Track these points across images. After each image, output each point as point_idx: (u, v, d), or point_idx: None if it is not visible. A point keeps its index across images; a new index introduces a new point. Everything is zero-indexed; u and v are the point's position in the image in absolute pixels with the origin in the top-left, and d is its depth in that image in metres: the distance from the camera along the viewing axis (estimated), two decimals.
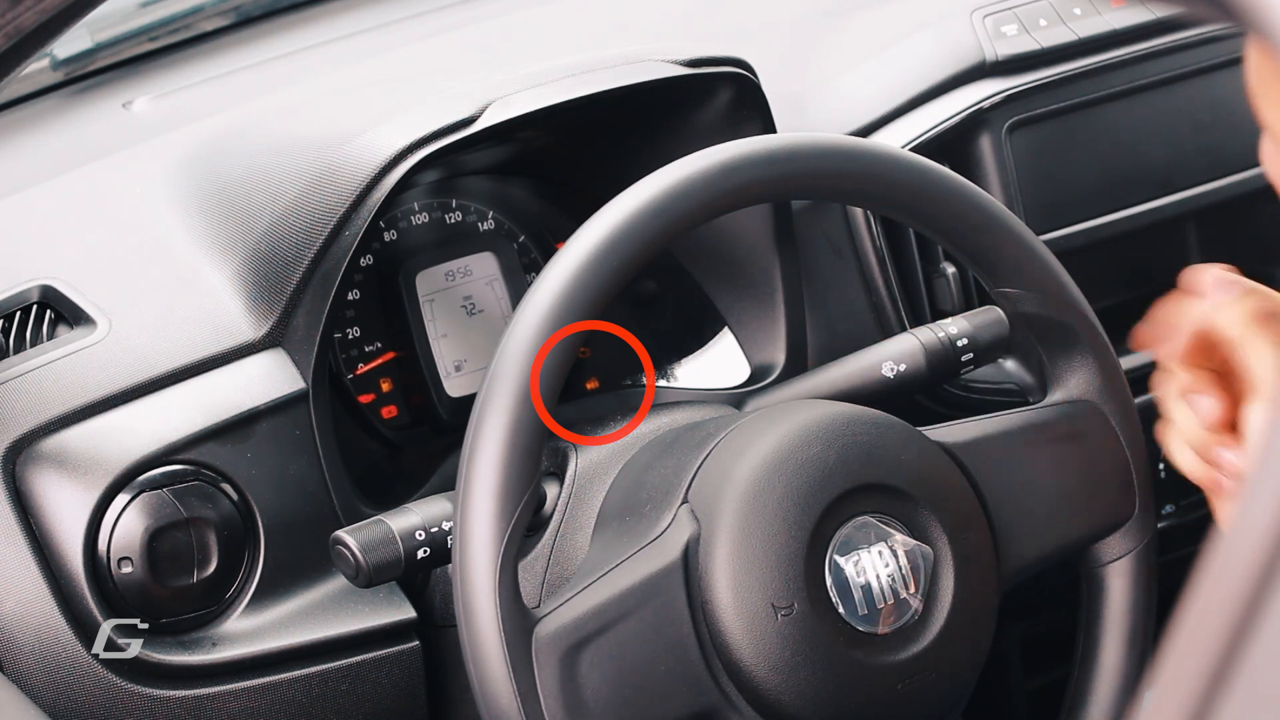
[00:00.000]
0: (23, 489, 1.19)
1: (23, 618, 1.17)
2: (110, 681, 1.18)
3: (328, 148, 1.28)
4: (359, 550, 1.11)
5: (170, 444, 1.20)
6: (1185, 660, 0.46)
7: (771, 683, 1.05)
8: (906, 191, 1.15)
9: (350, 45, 1.68)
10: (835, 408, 1.14)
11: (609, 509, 1.15)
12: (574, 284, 1.03)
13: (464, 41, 1.68)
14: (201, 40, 1.70)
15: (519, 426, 1.00)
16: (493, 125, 1.26)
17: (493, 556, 0.99)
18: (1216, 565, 0.46)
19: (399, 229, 1.41)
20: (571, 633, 1.01)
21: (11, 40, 0.87)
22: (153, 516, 1.18)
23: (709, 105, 1.36)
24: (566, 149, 1.44)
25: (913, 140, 1.46)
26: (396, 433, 1.38)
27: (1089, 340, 1.21)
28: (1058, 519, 1.19)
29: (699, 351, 1.44)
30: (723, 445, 1.12)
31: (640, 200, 1.06)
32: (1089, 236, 1.52)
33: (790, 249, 1.39)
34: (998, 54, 1.50)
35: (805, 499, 1.07)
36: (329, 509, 1.24)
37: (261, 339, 1.26)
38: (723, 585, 1.05)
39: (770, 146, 1.12)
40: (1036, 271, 1.19)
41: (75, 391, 1.21)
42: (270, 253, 1.27)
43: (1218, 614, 0.45)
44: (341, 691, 1.24)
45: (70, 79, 1.64)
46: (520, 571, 1.02)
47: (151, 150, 1.44)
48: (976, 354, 1.28)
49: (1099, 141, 1.54)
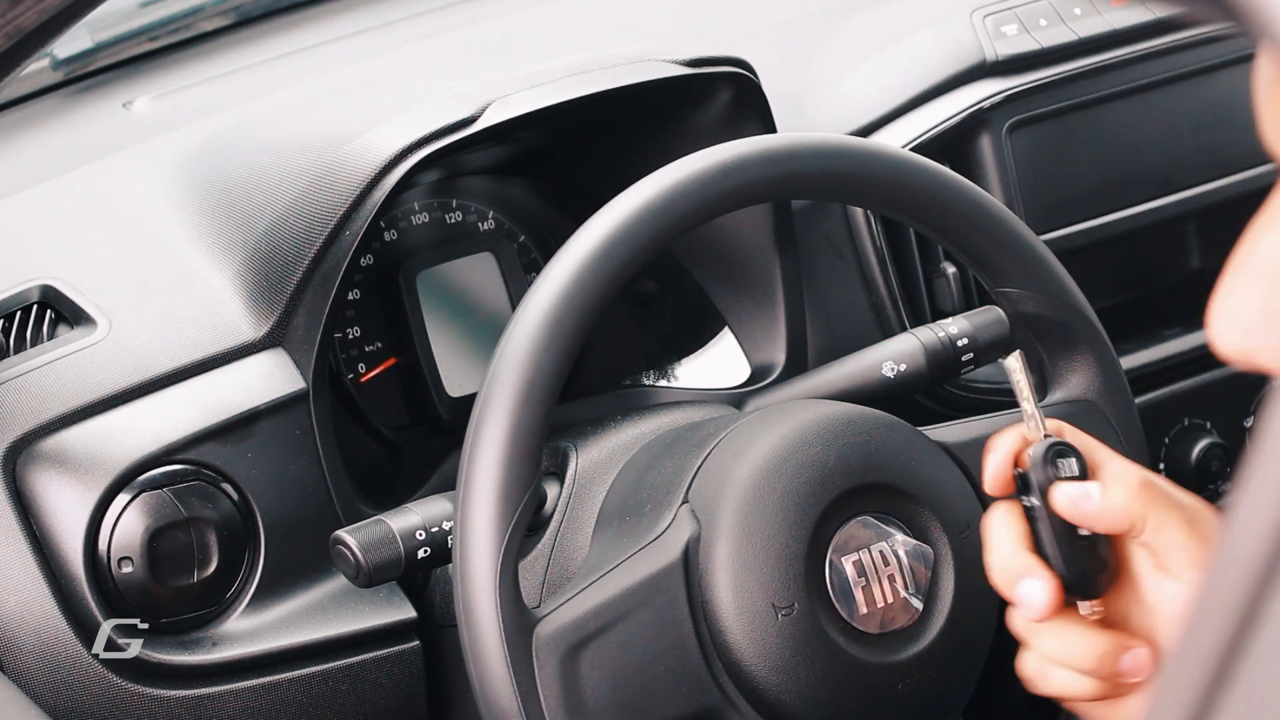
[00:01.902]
0: (23, 489, 1.19)
1: (23, 617, 1.17)
2: (110, 681, 1.18)
3: (328, 148, 1.28)
4: (359, 550, 1.11)
5: (170, 444, 1.20)
6: (1185, 660, 0.46)
7: (771, 683, 1.05)
8: (906, 191, 1.15)
9: (350, 45, 1.68)
10: (835, 408, 1.14)
11: (609, 509, 1.15)
12: (574, 284, 1.03)
13: (464, 41, 1.68)
14: (201, 40, 1.70)
15: (519, 426, 1.00)
16: (493, 125, 1.26)
17: (493, 556, 0.99)
18: (1216, 565, 0.46)
19: (399, 229, 1.41)
20: (572, 633, 1.01)
21: (11, 40, 0.87)
22: (153, 516, 1.18)
23: (709, 105, 1.36)
24: (566, 149, 1.44)
25: (913, 140, 1.46)
26: (396, 433, 1.38)
27: (1089, 340, 1.21)
28: None
29: (699, 351, 1.44)
30: (723, 445, 1.12)
31: (640, 200, 1.06)
32: (1089, 236, 1.52)
33: (790, 249, 1.39)
34: (998, 54, 1.50)
35: (805, 499, 1.07)
36: (329, 509, 1.24)
37: (261, 339, 1.26)
38: (723, 585, 1.05)
39: (770, 146, 1.12)
40: (1036, 271, 1.19)
41: (75, 391, 1.21)
42: (270, 253, 1.27)
43: (1218, 614, 0.45)
44: (341, 691, 1.24)
45: (70, 79, 1.64)
46: (520, 571, 1.02)
47: (151, 150, 1.44)
48: (976, 354, 1.28)
49: (1099, 141, 1.54)
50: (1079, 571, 0.92)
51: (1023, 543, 0.93)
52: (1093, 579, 0.93)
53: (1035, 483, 0.94)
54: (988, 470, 0.96)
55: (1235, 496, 0.46)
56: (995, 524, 0.95)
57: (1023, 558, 0.93)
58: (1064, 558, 0.92)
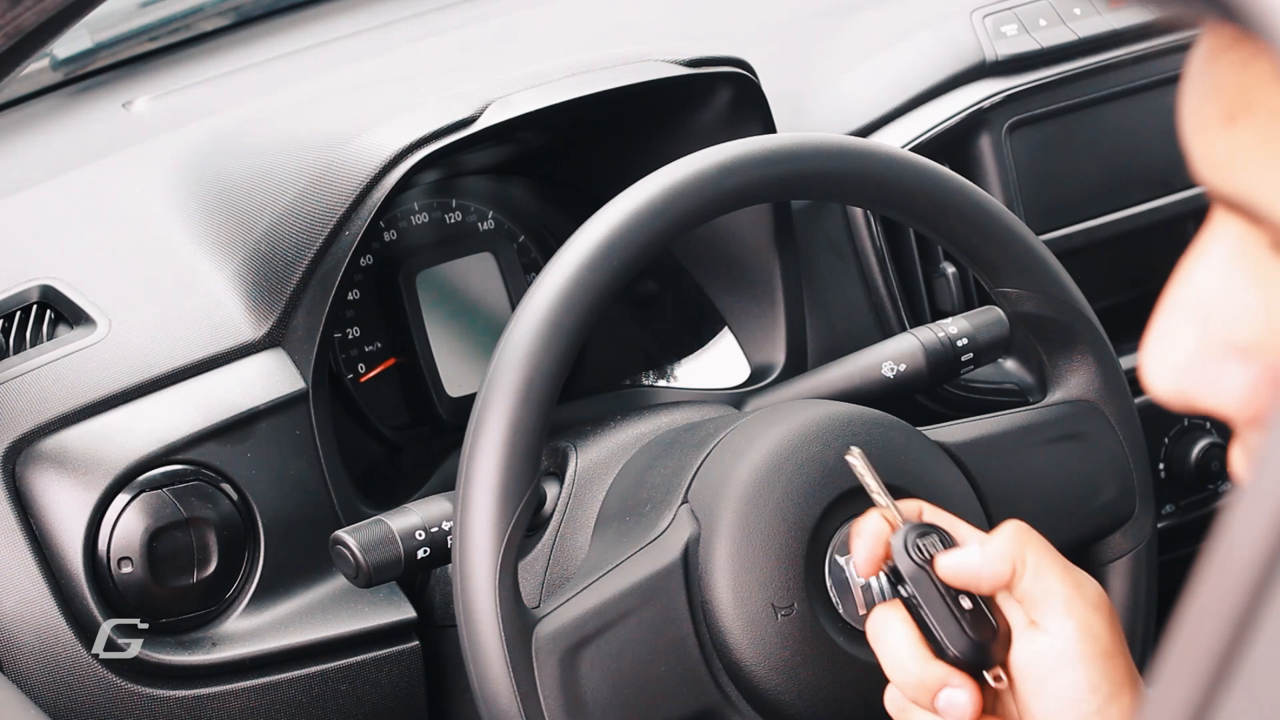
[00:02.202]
0: (23, 489, 1.18)
1: (23, 618, 1.17)
2: (110, 681, 1.18)
3: (328, 148, 1.28)
4: (359, 550, 1.11)
5: (170, 444, 1.20)
6: (1185, 660, 0.46)
7: (771, 683, 1.05)
8: (906, 191, 1.15)
9: (350, 45, 1.68)
10: (835, 408, 1.14)
11: (609, 509, 1.15)
12: (574, 284, 1.03)
13: (464, 41, 1.68)
14: (201, 40, 1.70)
15: (519, 426, 1.00)
16: (493, 125, 1.26)
17: (493, 556, 0.99)
18: (1216, 565, 0.46)
19: (399, 229, 1.41)
20: (571, 633, 1.01)
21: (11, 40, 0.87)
22: (153, 516, 1.18)
23: (709, 105, 1.36)
24: (566, 149, 1.44)
25: (913, 140, 1.46)
26: (396, 433, 1.38)
27: (1089, 340, 1.21)
28: (1057, 519, 1.18)
29: (699, 351, 1.44)
30: (723, 445, 1.12)
31: (640, 201, 1.06)
32: (1089, 236, 1.52)
33: (790, 249, 1.39)
34: (998, 54, 1.50)
35: (805, 499, 1.07)
36: (329, 509, 1.24)
37: (261, 339, 1.26)
38: (723, 585, 1.05)
39: (769, 147, 1.12)
40: (1036, 271, 1.19)
41: (75, 391, 1.21)
42: (270, 252, 1.27)
43: (1218, 614, 0.45)
44: (341, 691, 1.24)
45: (70, 79, 1.64)
46: (520, 571, 1.02)
47: (151, 150, 1.44)
48: (976, 354, 1.28)
49: (1099, 141, 1.54)
50: (975, 645, 0.92)
51: (920, 648, 0.93)
52: (987, 648, 0.93)
53: (905, 571, 0.94)
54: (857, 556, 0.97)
55: (1235, 496, 0.46)
56: (885, 633, 0.94)
57: (930, 666, 0.92)
58: (956, 638, 0.92)
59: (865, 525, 0.97)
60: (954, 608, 0.93)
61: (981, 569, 0.92)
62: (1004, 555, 0.92)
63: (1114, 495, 1.21)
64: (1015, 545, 0.92)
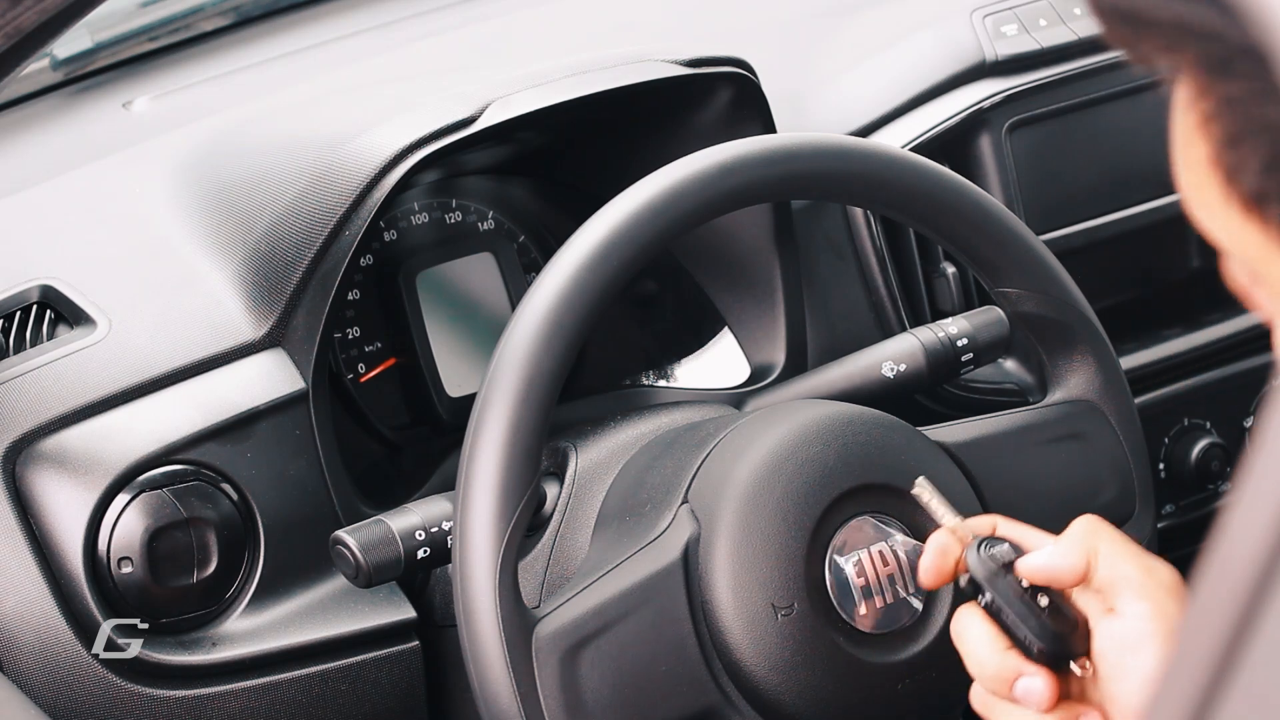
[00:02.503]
0: (23, 489, 1.19)
1: (23, 618, 1.17)
2: (110, 681, 1.18)
3: (328, 148, 1.28)
4: (359, 550, 1.11)
5: (170, 444, 1.20)
6: (1185, 660, 0.46)
7: (771, 683, 1.05)
8: (906, 191, 1.15)
9: (350, 45, 1.68)
10: (835, 408, 1.14)
11: (609, 509, 1.15)
12: (574, 284, 1.03)
13: (464, 41, 1.68)
14: (201, 40, 1.70)
15: (519, 426, 1.00)
16: (493, 125, 1.26)
17: (493, 556, 0.99)
18: (1216, 565, 0.46)
19: (399, 229, 1.41)
20: (571, 633, 1.01)
21: (11, 40, 0.87)
22: (153, 516, 1.18)
23: (709, 105, 1.36)
24: (566, 149, 1.44)
25: (913, 140, 1.46)
26: (396, 433, 1.38)
27: (1089, 340, 1.21)
28: (1057, 519, 1.18)
29: (699, 351, 1.44)
30: (723, 445, 1.12)
31: (639, 201, 1.06)
32: (1089, 236, 1.52)
33: (790, 249, 1.39)
34: (997, 54, 1.50)
35: (805, 499, 1.07)
36: (329, 509, 1.24)
37: (261, 339, 1.26)
38: (723, 585, 1.05)
39: (769, 147, 1.12)
40: (1036, 271, 1.19)
41: (75, 391, 1.21)
42: (270, 252, 1.27)
43: (1218, 614, 0.45)
44: (341, 691, 1.24)
45: (70, 79, 1.64)
46: (520, 571, 1.02)
47: (151, 150, 1.44)
48: (976, 354, 1.28)
49: (1099, 141, 1.54)
50: (1056, 638, 0.95)
51: (1000, 642, 0.96)
52: (1069, 639, 0.95)
53: (983, 578, 0.97)
54: (926, 569, 0.99)
55: (1235, 496, 0.46)
56: (966, 634, 0.97)
57: (1007, 658, 0.95)
58: (1038, 633, 0.95)
59: (933, 541, 1.00)
60: (1033, 606, 0.96)
61: (1060, 565, 0.95)
62: (1079, 550, 0.95)
63: (1114, 495, 1.21)
64: (1089, 538, 0.96)
